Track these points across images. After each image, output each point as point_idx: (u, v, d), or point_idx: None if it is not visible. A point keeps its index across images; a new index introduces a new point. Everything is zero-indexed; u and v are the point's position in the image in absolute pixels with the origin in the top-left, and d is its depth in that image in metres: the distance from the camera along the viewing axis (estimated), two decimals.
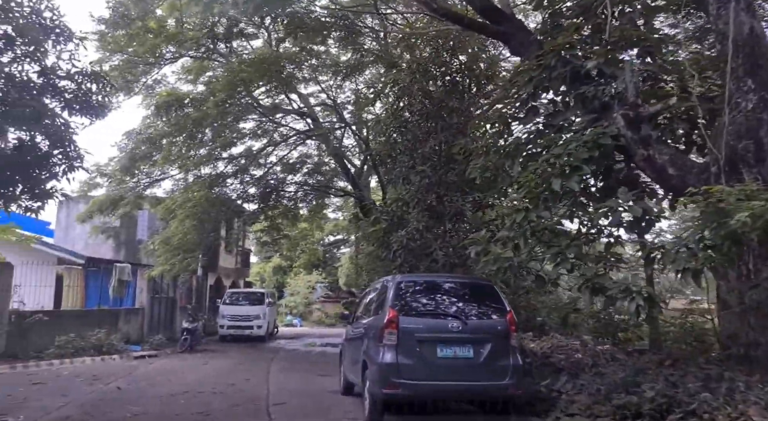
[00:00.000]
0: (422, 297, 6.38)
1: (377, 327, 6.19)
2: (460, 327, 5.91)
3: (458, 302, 6.37)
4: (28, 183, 9.57)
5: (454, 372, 5.83)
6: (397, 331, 5.87)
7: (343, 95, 19.53)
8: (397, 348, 5.84)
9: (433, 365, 5.82)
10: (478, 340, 5.95)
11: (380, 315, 6.32)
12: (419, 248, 11.08)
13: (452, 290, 6.46)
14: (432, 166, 11.33)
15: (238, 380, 10.14)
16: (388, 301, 6.15)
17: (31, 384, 9.55)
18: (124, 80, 16.08)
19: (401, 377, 5.75)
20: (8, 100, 8.85)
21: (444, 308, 6.26)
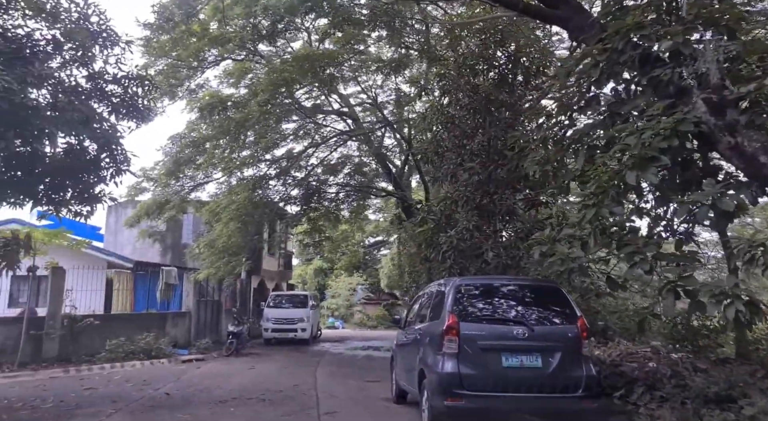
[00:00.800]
0: (483, 301, 5.93)
1: (435, 334, 5.79)
2: (526, 334, 5.44)
3: (523, 306, 5.89)
4: (77, 187, 9.62)
5: (522, 383, 5.36)
6: (458, 338, 5.46)
7: (383, 95, 19.29)
8: (459, 357, 5.43)
9: (498, 376, 5.38)
10: (547, 348, 5.47)
11: (438, 321, 5.91)
12: (469, 248, 10.61)
13: (515, 294, 5.99)
14: (481, 163, 10.84)
15: (286, 386, 9.90)
16: (447, 305, 5.74)
17: (83, 389, 9.58)
18: (169, 85, 16.21)
19: (464, 388, 5.33)
20: (58, 105, 8.90)
21: (508, 313, 5.80)
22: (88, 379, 11.14)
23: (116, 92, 9.81)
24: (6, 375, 11.42)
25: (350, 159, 21.98)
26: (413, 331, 7.10)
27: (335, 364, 14.38)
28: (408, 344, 7.24)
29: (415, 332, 6.89)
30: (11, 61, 7.95)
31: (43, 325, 12.67)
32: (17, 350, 12.11)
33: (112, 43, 9.59)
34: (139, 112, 10.01)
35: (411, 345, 6.98)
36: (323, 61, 11.90)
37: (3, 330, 12.33)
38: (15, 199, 9.25)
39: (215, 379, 10.94)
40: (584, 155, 6.65)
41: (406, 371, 7.23)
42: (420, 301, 7.53)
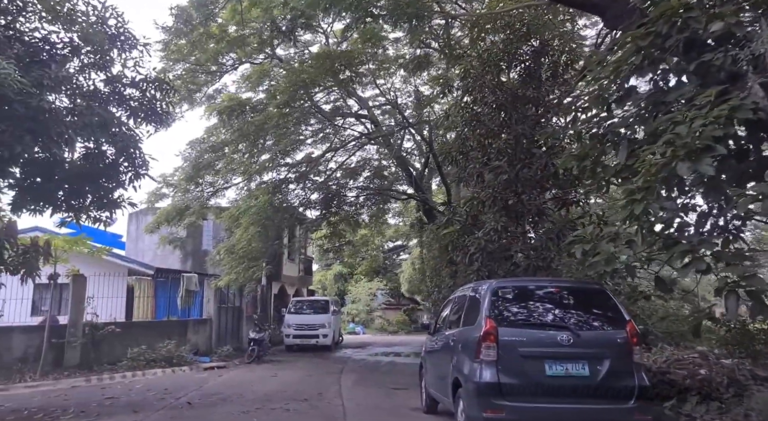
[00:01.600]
0: (522, 305, 5.53)
1: (471, 340, 5.41)
2: (571, 340, 5.03)
3: (565, 310, 5.48)
4: (96, 193, 9.47)
5: (568, 393, 4.95)
6: (497, 344, 5.07)
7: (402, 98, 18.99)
8: (498, 364, 5.04)
9: (541, 385, 4.98)
10: (594, 355, 5.05)
11: (473, 326, 5.54)
12: (497, 250, 10.20)
13: (557, 297, 5.58)
14: (508, 162, 10.43)
15: (311, 395, 9.58)
16: (484, 309, 5.36)
17: (104, 399, 9.38)
18: (187, 90, 16.12)
19: (504, 399, 4.94)
20: (76, 109, 8.77)
21: (550, 318, 5.39)
22: (109, 388, 10.96)
23: (134, 96, 9.66)
24: (28, 384, 11.29)
25: (369, 163, 21.70)
26: (444, 337, 6.72)
27: (359, 371, 14.03)
28: (439, 351, 6.86)
29: (446, 338, 6.51)
30: (28, 65, 7.83)
31: (65, 333, 12.57)
32: (39, 358, 12.00)
33: (130, 46, 9.45)
34: (158, 116, 9.84)
35: (442, 352, 6.61)
36: (343, 60, 11.63)
37: (25, 338, 12.23)
38: (35, 206, 9.11)
39: (238, 387, 10.67)
40: (626, 149, 6.23)
41: (438, 380, 6.85)
42: (451, 305, 7.15)
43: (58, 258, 12.61)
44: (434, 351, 7.22)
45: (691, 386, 5.94)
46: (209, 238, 23.59)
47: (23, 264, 8.66)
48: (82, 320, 12.85)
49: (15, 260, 8.68)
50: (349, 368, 14.40)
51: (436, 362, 7.03)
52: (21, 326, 12.74)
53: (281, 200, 16.13)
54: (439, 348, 6.86)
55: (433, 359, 7.29)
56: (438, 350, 6.96)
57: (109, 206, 9.51)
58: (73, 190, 9.16)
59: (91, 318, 13.09)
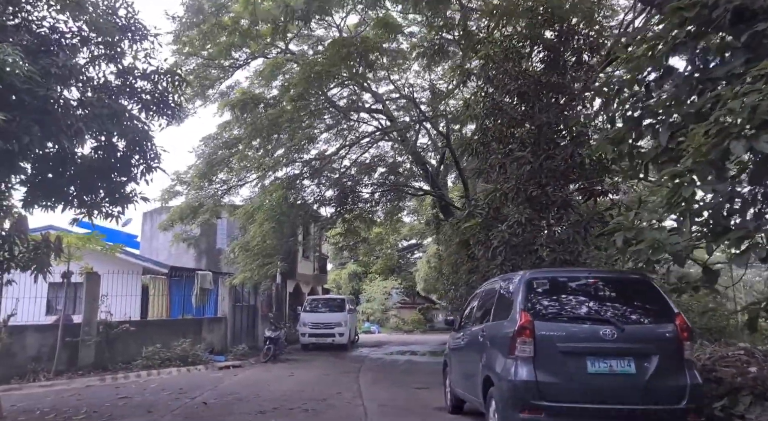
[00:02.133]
0: (560, 297, 5.13)
1: (504, 335, 5.03)
2: (615, 334, 4.63)
3: (607, 302, 5.07)
4: (108, 188, 9.22)
5: (612, 393, 4.55)
6: (533, 339, 4.68)
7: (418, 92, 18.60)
8: (535, 361, 4.65)
9: (583, 384, 4.58)
10: (641, 351, 4.64)
11: (506, 320, 5.15)
12: (521, 244, 9.79)
13: (597, 288, 5.16)
14: (532, 152, 10.01)
15: (330, 395, 9.25)
16: (518, 302, 4.97)
17: (118, 399, 9.14)
18: (200, 85, 15.90)
19: (543, 399, 4.55)
20: (85, 101, 8.53)
21: (591, 311, 4.98)
22: (123, 387, 10.74)
23: (146, 88, 9.40)
24: (42, 384, 11.11)
25: (384, 160, 21.32)
26: (471, 333, 6.34)
27: (377, 370, 13.68)
28: (466, 348, 6.48)
29: (474, 335, 6.12)
30: (36, 55, 7.59)
31: (79, 332, 12.39)
32: (53, 357, 11.82)
33: (140, 37, 9.19)
34: (170, 109, 9.56)
35: (470, 349, 6.22)
36: (359, 47, 11.26)
37: (39, 337, 12.06)
38: (47, 202, 8.88)
39: (254, 387, 10.37)
40: (668, 131, 5.80)
41: (465, 378, 6.47)
42: (477, 300, 6.76)
43: (71, 256, 12.43)
44: (460, 348, 6.84)
45: (742, 384, 5.49)
46: (223, 236, 23.40)
47: (34, 260, 8.41)
48: (96, 319, 12.66)
49: (25, 256, 8.45)
50: (366, 367, 14.06)
51: (463, 360, 6.66)
52: (35, 324, 12.57)
53: (296, 196, 15.83)
54: (466, 345, 6.48)
55: (458, 357, 6.91)
56: (464, 347, 6.58)
57: (121, 201, 9.25)
58: (85, 185, 8.92)
59: (105, 317, 12.89)
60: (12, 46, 6.53)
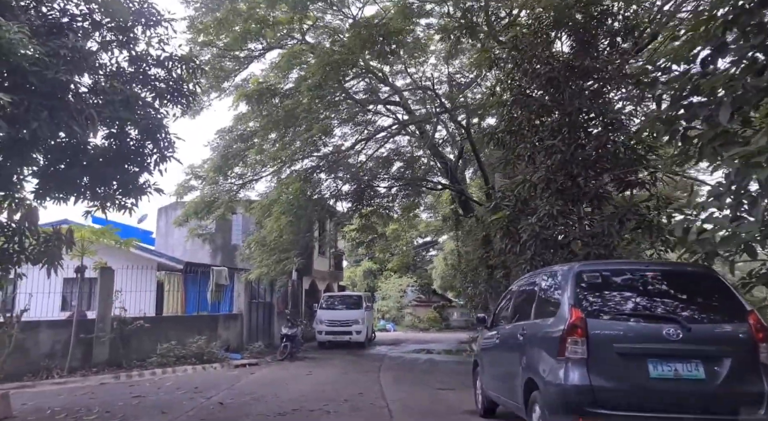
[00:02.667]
0: (614, 292, 4.61)
1: (551, 334, 4.54)
2: (680, 334, 4.11)
3: (669, 298, 4.54)
4: (122, 179, 8.87)
5: (678, 400, 4.03)
6: (586, 339, 4.18)
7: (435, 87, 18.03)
8: (588, 364, 4.15)
9: (644, 390, 4.07)
10: (711, 353, 4.11)
11: (552, 318, 4.66)
12: (553, 237, 9.28)
13: (656, 282, 4.63)
14: (563, 140, 9.46)
15: (351, 395, 8.82)
16: (567, 298, 4.47)
17: (132, 398, 8.79)
18: (215, 76, 15.56)
19: (598, 406, 4.05)
20: (97, 88, 8.18)
21: (651, 308, 4.46)
22: (137, 385, 10.42)
23: (160, 76, 9.02)
24: (55, 381, 10.84)
25: (401, 154, 20.82)
26: (508, 331, 5.85)
27: (397, 369, 13.23)
28: (500, 348, 5.99)
29: (512, 333, 5.63)
30: (45, 38, 7.24)
31: (93, 328, 12.10)
32: (67, 354, 11.55)
33: (154, 22, 8.82)
34: (185, 97, 9.19)
35: (507, 349, 5.74)
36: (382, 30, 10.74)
37: (52, 334, 11.80)
38: (59, 194, 8.54)
39: (271, 386, 9.98)
40: (729, 109, 5.25)
41: (500, 380, 5.99)
42: (513, 296, 6.26)
43: (85, 250, 12.16)
44: (494, 348, 6.35)
45: None
46: (239, 232, 23.12)
47: (45, 254, 8.07)
48: (110, 315, 12.37)
49: (36, 250, 8.11)
50: (386, 366, 13.62)
51: (498, 361, 6.17)
52: (48, 320, 12.31)
53: (312, 190, 15.42)
54: (501, 345, 6.00)
55: (492, 357, 6.43)
56: (499, 347, 6.09)
57: (134, 193, 8.90)
58: (98, 176, 8.57)
59: (120, 313, 12.60)
60: (19, 25, 6.16)
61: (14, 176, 8.01)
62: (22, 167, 8.20)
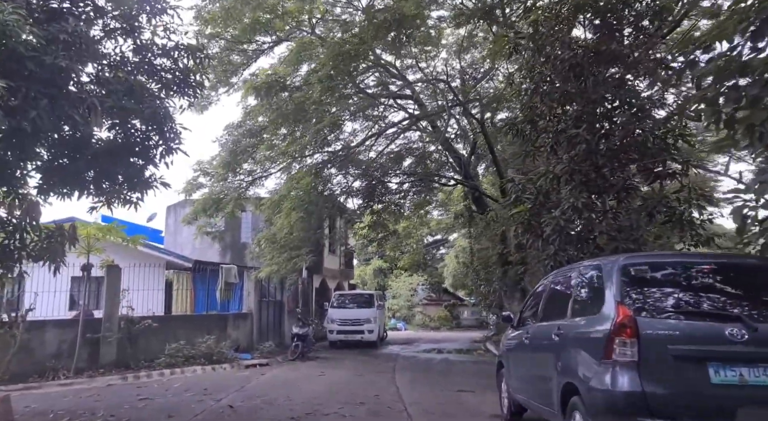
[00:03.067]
0: (666, 287, 4.16)
1: (594, 334, 4.10)
2: (745, 335, 3.65)
3: (731, 294, 4.08)
4: (127, 173, 8.51)
5: (744, 409, 3.57)
6: (637, 340, 3.74)
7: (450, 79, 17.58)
8: (640, 368, 3.71)
9: (704, 397, 3.61)
10: None
11: (594, 316, 4.22)
12: (578, 231, 8.83)
13: (714, 277, 4.15)
14: (587, 129, 8.99)
15: (367, 398, 8.41)
16: (612, 294, 4.03)
17: (138, 400, 8.43)
18: (223, 70, 15.22)
19: (653, 415, 3.60)
20: (101, 78, 7.83)
21: (709, 305, 4.00)
22: (145, 387, 10.08)
23: (166, 66, 8.66)
24: (61, 383, 10.53)
25: (412, 151, 20.36)
26: (540, 331, 5.41)
27: (413, 369, 12.81)
28: (532, 349, 5.55)
29: (544, 333, 5.19)
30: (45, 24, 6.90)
31: (100, 327, 11.79)
32: (73, 354, 11.24)
33: (159, 10, 8.45)
34: (192, 88, 8.81)
35: (539, 349, 5.30)
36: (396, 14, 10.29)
37: (58, 333, 11.49)
38: (63, 189, 8.19)
39: (283, 388, 9.60)
40: None
41: (530, 383, 5.56)
42: (545, 292, 5.80)
43: (91, 248, 11.85)
44: (522, 348, 5.91)
45: None
46: (248, 230, 22.80)
47: (47, 250, 7.72)
48: (117, 314, 12.05)
49: (38, 246, 7.77)
50: (401, 367, 13.20)
51: (527, 362, 5.74)
52: (54, 320, 12.01)
53: (323, 185, 15.03)
54: (532, 345, 5.56)
55: (520, 358, 5.99)
56: (528, 347, 5.65)
57: (140, 187, 8.53)
58: (102, 170, 8.23)
59: (127, 312, 12.27)
60: (14, 5, 5.80)
61: (17, 171, 7.68)
62: (26, 162, 7.87)
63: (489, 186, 22.11)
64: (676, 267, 4.25)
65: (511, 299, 19.66)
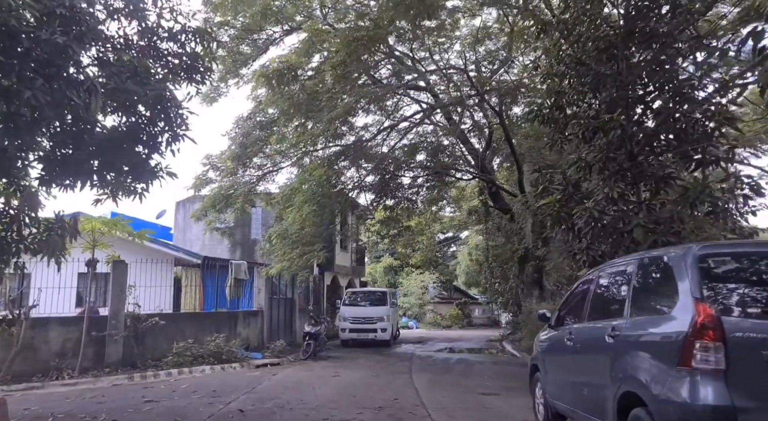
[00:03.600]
0: (753, 282, 3.58)
1: (665, 337, 3.51)
2: None
3: None
4: (131, 161, 8.00)
5: None
6: (723, 344, 3.15)
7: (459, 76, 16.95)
8: (728, 377, 3.13)
9: None
10: None
11: (663, 315, 3.63)
12: (612, 223, 8.23)
13: None
14: (623, 114, 8.38)
15: (385, 401, 7.86)
16: (687, 289, 3.43)
17: (143, 403, 7.94)
18: (232, 60, 14.72)
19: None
20: (103, 60, 7.34)
21: None
22: (152, 387, 9.60)
23: (173, 50, 8.14)
24: (65, 382, 10.09)
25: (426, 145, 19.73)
26: (588, 331, 4.84)
27: (430, 370, 12.23)
28: (577, 350, 4.97)
29: (594, 333, 4.61)
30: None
31: (106, 325, 11.34)
32: (78, 353, 10.80)
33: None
34: (199, 73, 8.30)
35: (586, 352, 4.73)
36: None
37: (62, 331, 11.06)
38: (65, 181, 7.70)
39: (296, 390, 9.08)
40: None
41: (576, 390, 4.97)
42: (591, 287, 5.19)
43: (96, 242, 11.40)
44: (562, 350, 5.32)
45: None
46: (258, 227, 22.33)
47: (46, 243, 7.23)
48: (123, 311, 11.60)
49: (36, 238, 7.28)
50: (417, 367, 12.63)
51: (569, 366, 5.16)
52: (59, 317, 11.55)
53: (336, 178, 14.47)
54: (576, 347, 4.97)
55: (561, 361, 5.41)
56: (572, 350, 5.06)
57: (144, 177, 8.03)
58: (106, 160, 7.73)
59: (134, 309, 11.81)
60: None
61: (18, 162, 7.20)
62: (27, 152, 7.41)
63: (503, 181, 21.47)
64: (761, 258, 3.64)
65: (529, 297, 19.03)
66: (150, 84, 7.45)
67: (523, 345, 16.22)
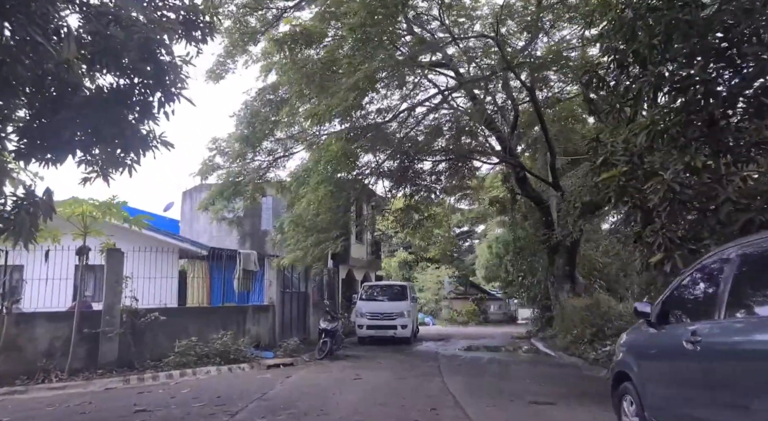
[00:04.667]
0: None
1: None
2: None
3: None
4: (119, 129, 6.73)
5: None
6: None
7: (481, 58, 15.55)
8: None
9: None
10: None
11: None
12: (695, 198, 6.85)
13: None
14: (703, 68, 6.96)
15: (421, 411, 6.53)
16: None
17: (134, 413, 6.67)
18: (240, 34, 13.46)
19: None
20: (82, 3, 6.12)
21: None
22: (148, 392, 8.36)
23: (168, 3, 6.88)
24: (52, 386, 8.89)
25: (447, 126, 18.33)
26: (732, 331, 3.47)
27: (462, 372, 10.88)
28: (704, 359, 3.59)
29: (738, 336, 3.26)
30: None
31: (99, 321, 10.14)
32: (68, 352, 9.60)
33: None
34: (199, 30, 7.03)
35: (723, 361, 3.37)
36: None
37: (50, 328, 9.86)
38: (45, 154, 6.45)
39: (314, 396, 7.79)
40: None
41: (704, 409, 3.61)
42: (727, 269, 3.75)
43: (88, 229, 10.19)
44: (678, 356, 3.95)
45: None
46: (269, 217, 21.06)
47: (12, 222, 5.96)
48: (119, 305, 10.38)
49: (2, 216, 6.03)
50: (446, 368, 11.28)
51: (692, 378, 3.79)
52: (47, 312, 10.37)
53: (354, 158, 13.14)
54: (705, 352, 3.58)
55: (676, 373, 4.03)
56: (697, 356, 3.66)
57: (135, 146, 6.75)
58: (92, 128, 6.47)
59: (131, 303, 10.60)
60: None
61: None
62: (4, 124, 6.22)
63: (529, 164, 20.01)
64: None
65: (561, 291, 17.66)
66: (136, 27, 6.16)
67: (557, 344, 14.84)
